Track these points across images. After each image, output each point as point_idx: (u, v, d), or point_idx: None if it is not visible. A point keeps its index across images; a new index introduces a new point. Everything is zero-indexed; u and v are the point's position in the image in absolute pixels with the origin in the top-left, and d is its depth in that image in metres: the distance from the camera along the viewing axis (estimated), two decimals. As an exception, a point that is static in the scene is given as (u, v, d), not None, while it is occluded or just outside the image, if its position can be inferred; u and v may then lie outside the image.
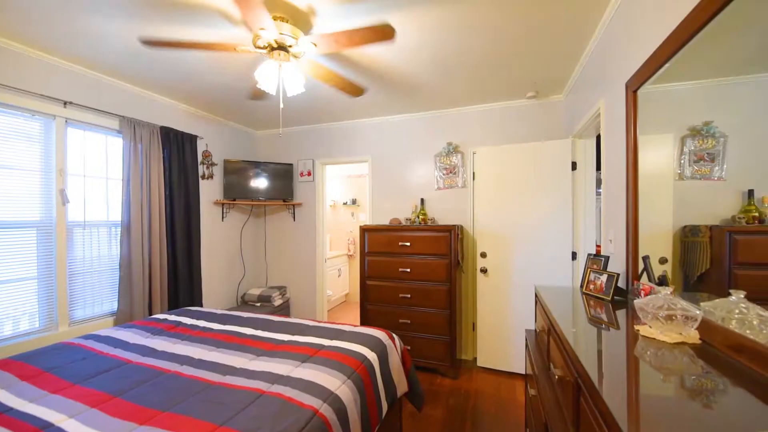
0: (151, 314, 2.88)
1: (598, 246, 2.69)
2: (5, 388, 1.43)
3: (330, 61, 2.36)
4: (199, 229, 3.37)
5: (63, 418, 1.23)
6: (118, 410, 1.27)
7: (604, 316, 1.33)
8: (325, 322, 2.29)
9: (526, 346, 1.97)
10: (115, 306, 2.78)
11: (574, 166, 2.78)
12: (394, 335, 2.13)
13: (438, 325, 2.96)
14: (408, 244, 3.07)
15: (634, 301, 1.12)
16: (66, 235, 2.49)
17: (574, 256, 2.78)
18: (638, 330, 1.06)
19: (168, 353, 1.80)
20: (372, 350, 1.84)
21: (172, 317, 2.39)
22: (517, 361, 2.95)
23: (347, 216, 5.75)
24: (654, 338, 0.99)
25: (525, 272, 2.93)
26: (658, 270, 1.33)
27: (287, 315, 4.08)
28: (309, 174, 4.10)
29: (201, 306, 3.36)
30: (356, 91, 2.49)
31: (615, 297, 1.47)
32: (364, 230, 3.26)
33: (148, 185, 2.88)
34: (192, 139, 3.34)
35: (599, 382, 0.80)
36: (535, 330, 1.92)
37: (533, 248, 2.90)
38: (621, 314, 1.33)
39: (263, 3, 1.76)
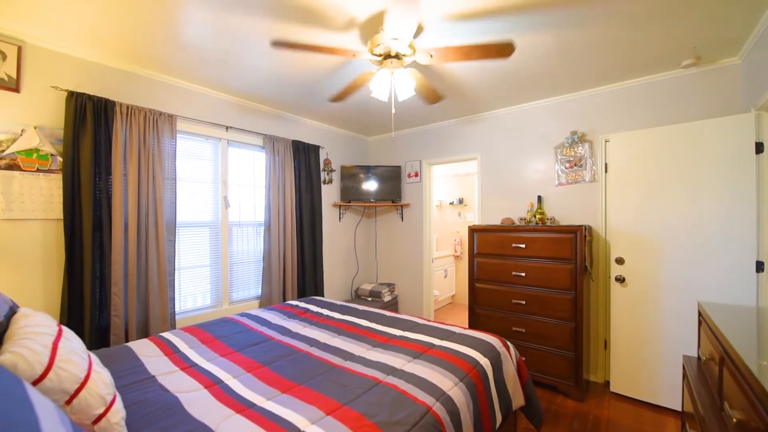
0: (284, 300, 3.38)
1: (802, 255, 1.99)
2: (192, 347, 1.88)
3: (459, 28, 2.03)
4: (321, 228, 3.79)
5: (229, 377, 1.54)
6: (266, 377, 1.53)
7: (817, 350, 0.98)
8: (433, 322, 2.30)
9: (684, 375, 1.60)
10: (259, 291, 3.35)
11: (759, 147, 2.12)
12: (508, 343, 2.00)
13: (559, 338, 2.64)
14: (523, 246, 2.83)
15: None
16: (227, 232, 3.13)
17: (759, 266, 2.12)
18: None
19: (300, 335, 2.08)
20: (484, 356, 1.76)
21: (302, 304, 2.76)
22: (667, 393, 2.42)
23: (454, 216, 5.65)
24: None
25: (681, 284, 2.37)
26: None
27: (396, 311, 4.24)
28: (416, 175, 4.19)
29: (322, 296, 3.78)
30: (503, 50, 1.88)
31: (837, 325, 1.07)
32: (473, 230, 3.15)
33: (283, 191, 3.40)
34: (316, 149, 3.79)
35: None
36: (698, 357, 1.54)
37: (694, 255, 2.33)
38: None
39: (361, 24, 1.91)
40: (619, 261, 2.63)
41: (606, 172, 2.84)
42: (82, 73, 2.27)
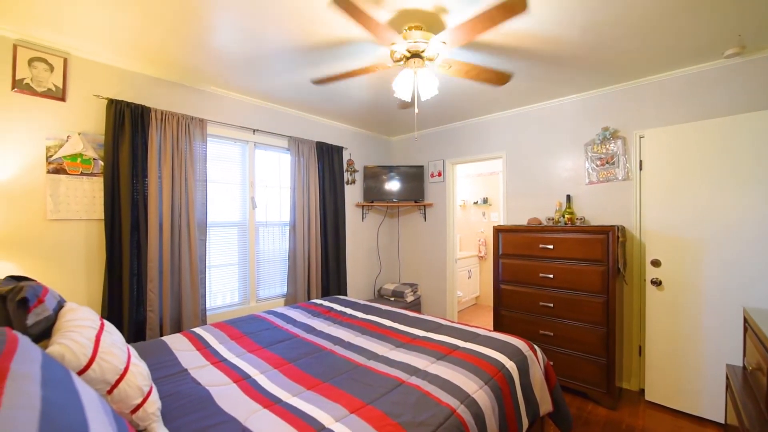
0: (309, 298, 3.44)
1: None
2: (222, 343, 1.95)
3: (470, 54, 2.26)
4: (344, 228, 3.83)
5: (257, 372, 1.59)
6: (292, 374, 1.56)
7: None
8: (457, 323, 2.27)
9: (727, 386, 1.49)
10: (284, 290, 3.43)
11: (813, 142, 1.96)
12: (535, 347, 1.94)
13: (590, 343, 2.54)
14: (551, 246, 2.74)
15: None
16: (254, 232, 3.22)
17: (814, 270, 1.96)
18: None
19: (324, 333, 2.11)
20: (510, 359, 1.72)
21: (326, 303, 2.79)
22: (709, 403, 2.27)
23: (478, 216, 5.56)
24: None
25: (724, 288, 2.22)
26: None
27: (419, 311, 4.21)
28: (439, 174, 4.15)
29: (346, 295, 3.82)
30: (502, 78, 2.21)
31: None
32: (498, 231, 3.09)
33: (308, 192, 3.46)
34: (339, 150, 3.83)
35: None
36: (744, 366, 1.44)
37: (738, 257, 2.17)
38: None
39: (392, 19, 1.89)
40: (655, 263, 2.49)
41: (641, 169, 2.70)
42: (121, 81, 2.41)
